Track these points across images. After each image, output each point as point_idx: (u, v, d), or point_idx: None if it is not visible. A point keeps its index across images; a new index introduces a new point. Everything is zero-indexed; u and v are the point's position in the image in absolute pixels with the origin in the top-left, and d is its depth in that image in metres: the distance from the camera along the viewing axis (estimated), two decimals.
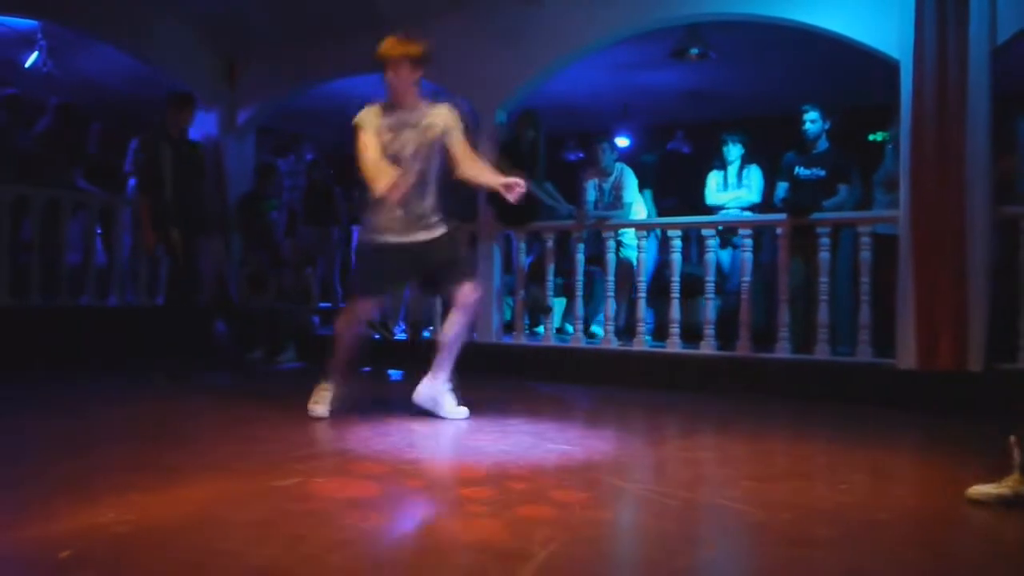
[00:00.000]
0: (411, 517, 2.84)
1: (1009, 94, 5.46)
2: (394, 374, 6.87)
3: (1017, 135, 5.67)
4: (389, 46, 4.28)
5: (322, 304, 8.49)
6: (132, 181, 7.87)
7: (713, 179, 6.92)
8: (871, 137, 8.33)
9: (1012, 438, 2.81)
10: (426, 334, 7.33)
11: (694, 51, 7.40)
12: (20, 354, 6.48)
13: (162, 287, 7.19)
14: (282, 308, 7.72)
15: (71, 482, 2.96)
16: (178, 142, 6.31)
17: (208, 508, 2.66)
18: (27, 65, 7.97)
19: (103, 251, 7.79)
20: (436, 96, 8.94)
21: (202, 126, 8.54)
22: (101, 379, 6.15)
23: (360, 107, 4.43)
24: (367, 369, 6.46)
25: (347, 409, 4.50)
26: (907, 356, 5.36)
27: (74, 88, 8.58)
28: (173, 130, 6.32)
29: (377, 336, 7.44)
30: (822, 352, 5.73)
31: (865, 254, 5.63)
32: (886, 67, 5.57)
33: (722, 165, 6.90)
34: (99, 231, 7.69)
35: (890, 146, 6.09)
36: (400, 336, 7.52)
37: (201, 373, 6.25)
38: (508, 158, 6.82)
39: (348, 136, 4.42)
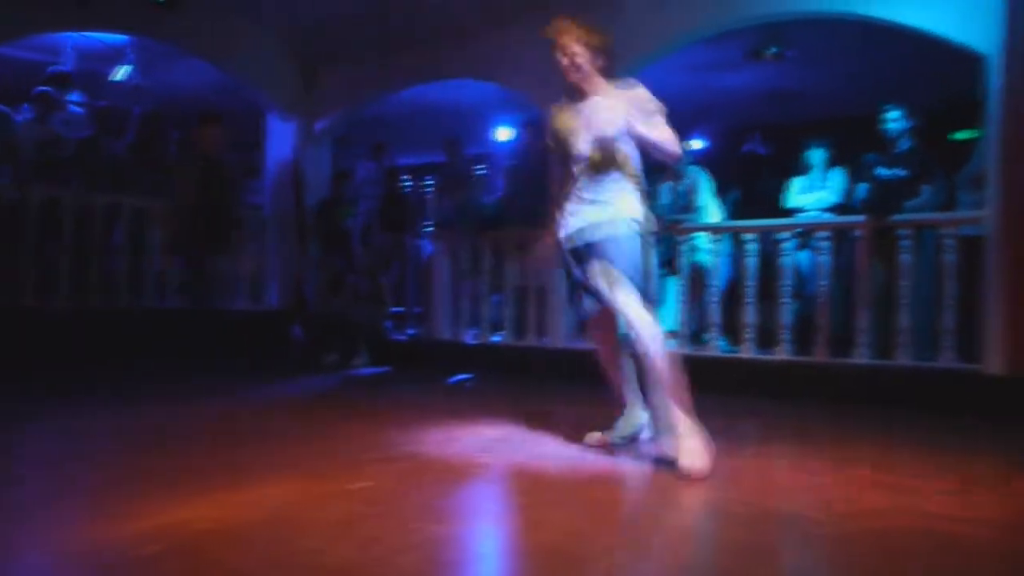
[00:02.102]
0: (480, 520, 2.87)
1: None
2: (454, 379, 6.85)
3: None
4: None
5: (394, 309, 8.63)
6: None
7: (796, 184, 6.79)
8: (953, 136, 8.06)
9: None
10: None
11: (772, 50, 7.28)
12: (108, 352, 6.79)
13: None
14: (357, 313, 7.86)
15: (154, 479, 3.08)
16: (207, 160, 6.59)
17: (286, 508, 2.73)
18: (118, 78, 8.33)
19: None
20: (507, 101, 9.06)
21: (281, 135, 8.83)
22: (183, 378, 6.35)
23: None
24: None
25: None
26: (994, 361, 5.17)
27: (162, 99, 8.93)
28: (202, 149, 6.58)
29: None
30: (904, 357, 5.56)
31: (949, 256, 5.45)
32: (968, 62, 5.38)
33: (805, 170, 6.78)
34: None
35: (979, 144, 5.89)
36: None
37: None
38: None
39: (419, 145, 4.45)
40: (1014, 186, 5.14)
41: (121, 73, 8.32)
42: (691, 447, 3.33)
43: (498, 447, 3.90)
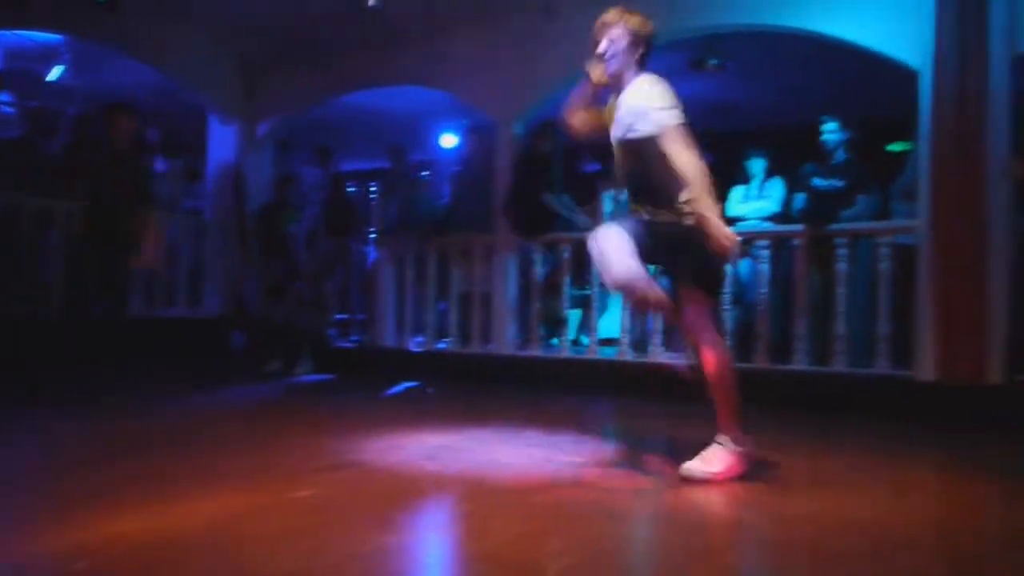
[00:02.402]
0: (426, 529, 2.85)
1: None
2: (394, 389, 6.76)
3: None
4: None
5: (338, 316, 8.53)
6: None
7: (736, 193, 6.90)
8: (887, 148, 8.29)
9: None
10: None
11: (712, 61, 7.41)
12: (42, 360, 6.56)
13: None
14: (300, 319, 7.75)
15: (89, 491, 2.99)
16: (117, 153, 6.06)
17: (227, 519, 2.68)
18: (50, 78, 8.10)
19: None
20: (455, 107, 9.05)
21: (223, 138, 8.69)
22: (120, 388, 6.19)
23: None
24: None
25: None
26: (925, 368, 5.32)
27: (99, 100, 8.69)
28: (112, 141, 6.04)
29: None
30: (840, 364, 5.69)
31: (884, 265, 5.60)
32: (902, 77, 5.55)
33: (745, 179, 6.90)
34: None
35: (912, 156, 6.07)
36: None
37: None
38: (525, 169, 6.86)
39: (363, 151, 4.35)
40: (944, 197, 5.30)
41: (55, 73, 8.09)
42: (711, 454, 3.43)
43: (442, 455, 3.88)
